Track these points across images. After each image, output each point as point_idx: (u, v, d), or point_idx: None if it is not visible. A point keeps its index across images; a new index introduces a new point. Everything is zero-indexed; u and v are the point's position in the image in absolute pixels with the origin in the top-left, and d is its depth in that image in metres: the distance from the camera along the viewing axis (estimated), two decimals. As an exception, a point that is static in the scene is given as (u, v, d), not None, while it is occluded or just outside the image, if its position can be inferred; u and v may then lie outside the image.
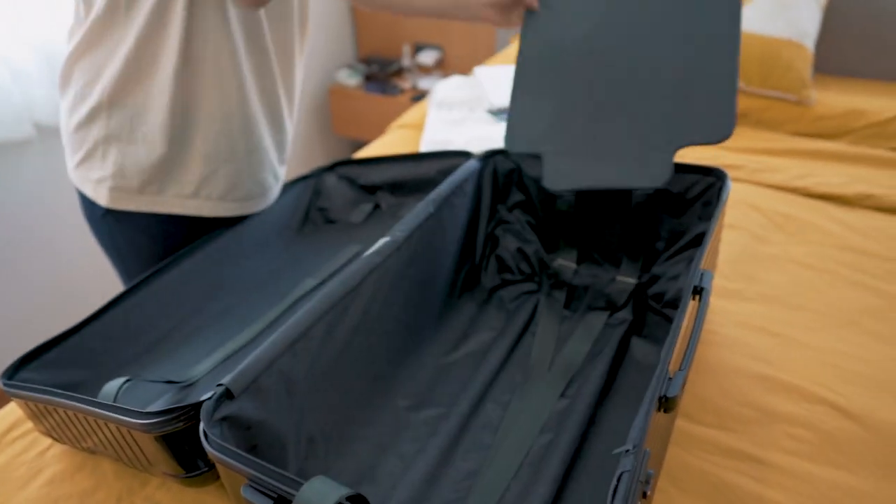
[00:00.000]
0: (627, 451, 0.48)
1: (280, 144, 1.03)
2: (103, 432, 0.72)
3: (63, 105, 0.93)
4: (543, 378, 0.89)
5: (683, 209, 0.92)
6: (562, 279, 1.06)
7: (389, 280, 0.84)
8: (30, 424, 0.88)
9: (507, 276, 1.09)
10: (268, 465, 0.51)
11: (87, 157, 0.94)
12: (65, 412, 0.73)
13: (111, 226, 0.99)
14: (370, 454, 0.79)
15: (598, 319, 0.99)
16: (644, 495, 0.48)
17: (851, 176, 1.30)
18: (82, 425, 0.74)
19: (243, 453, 0.52)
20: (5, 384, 0.77)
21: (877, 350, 0.91)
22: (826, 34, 1.67)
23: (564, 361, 0.91)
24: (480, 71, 1.66)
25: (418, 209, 0.91)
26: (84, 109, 0.90)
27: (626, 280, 1.04)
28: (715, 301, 1.03)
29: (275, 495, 0.50)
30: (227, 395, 0.61)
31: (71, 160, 0.98)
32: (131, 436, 0.66)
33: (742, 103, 1.57)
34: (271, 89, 0.96)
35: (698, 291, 0.66)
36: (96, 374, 0.82)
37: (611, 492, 0.45)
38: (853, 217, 1.21)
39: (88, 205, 0.99)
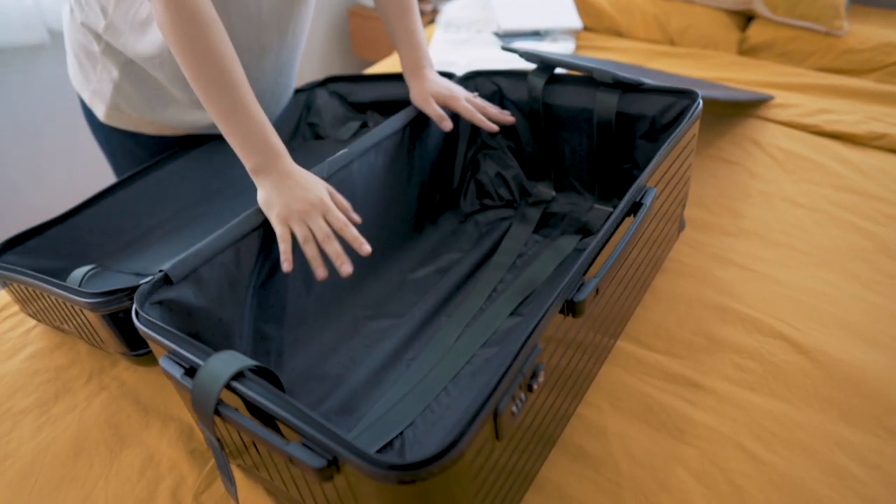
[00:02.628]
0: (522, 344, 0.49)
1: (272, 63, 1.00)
2: (66, 312, 0.77)
3: (65, 8, 0.94)
4: (502, 294, 0.90)
5: (658, 135, 0.89)
6: (540, 206, 1.05)
7: (350, 190, 0.85)
8: (17, 307, 0.95)
9: (487, 202, 1.09)
10: (182, 336, 0.54)
11: (83, 65, 0.95)
12: (42, 296, 0.78)
13: (108, 135, 1.02)
14: (321, 355, 0.82)
15: (569, 243, 0.98)
16: (530, 388, 0.50)
17: (868, 114, 1.22)
18: (53, 307, 0.80)
19: (164, 326, 0.56)
20: (-13, 264, 0.82)
21: (850, 291, 0.89)
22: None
23: (525, 281, 0.92)
24: (492, -9, 1.60)
25: (384, 124, 0.91)
26: (84, 17, 0.90)
27: (604, 208, 1.02)
28: (691, 233, 1.00)
29: (187, 366, 0.53)
30: (166, 280, 0.65)
31: (70, 65, 1.00)
32: (84, 315, 0.70)
33: (766, 33, 1.48)
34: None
35: (636, 207, 0.65)
36: (74, 264, 0.87)
37: (495, 379, 0.46)
38: (860, 157, 1.15)
39: (87, 110, 1.02)
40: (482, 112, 0.92)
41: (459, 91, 0.93)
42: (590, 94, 0.93)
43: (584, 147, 0.99)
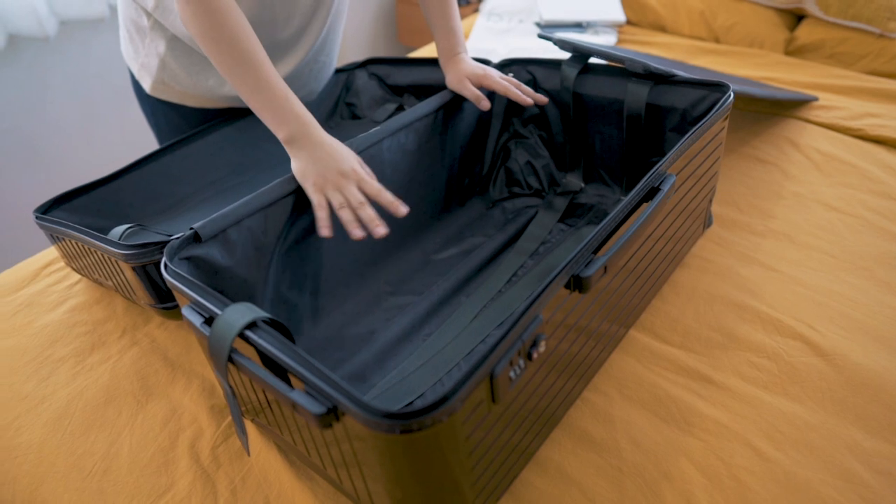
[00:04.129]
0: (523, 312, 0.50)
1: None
2: (108, 269, 0.82)
3: None
4: (522, 279, 0.91)
5: (689, 127, 0.88)
6: (568, 196, 1.05)
7: (378, 168, 0.87)
8: (63, 263, 1.00)
9: (516, 189, 1.10)
10: (204, 287, 0.57)
11: (133, 39, 1.00)
12: (86, 252, 0.83)
13: (153, 106, 1.07)
14: (340, 325, 0.85)
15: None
16: (529, 357, 0.51)
17: (918, 121, 1.18)
18: (96, 263, 0.84)
19: (188, 277, 0.59)
20: (37, 217, 0.88)
21: (877, 297, 0.87)
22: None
23: (546, 267, 0.92)
24: (537, -19, 1.59)
25: (418, 106, 0.93)
26: None
27: (631, 200, 1.02)
28: (718, 230, 0.99)
29: (206, 315, 0.57)
30: (196, 238, 0.68)
31: (122, 37, 1.05)
32: (119, 266, 0.75)
33: (816, 33, 1.43)
34: None
35: (654, 192, 0.65)
36: (115, 223, 0.92)
37: (493, 342, 0.48)
38: (905, 165, 1.11)
39: (135, 82, 1.07)
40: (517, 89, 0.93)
41: (493, 71, 0.94)
42: (621, 85, 0.93)
43: (614, 139, 0.99)
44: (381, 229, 0.73)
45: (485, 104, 0.93)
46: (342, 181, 0.75)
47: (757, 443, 0.69)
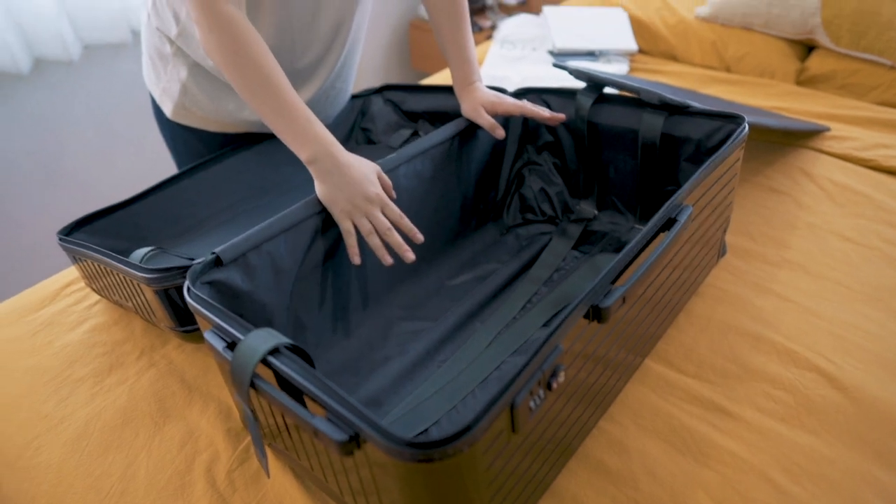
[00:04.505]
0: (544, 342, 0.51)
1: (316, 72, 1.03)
2: (128, 290, 0.83)
3: (143, 13, 1.02)
4: (536, 306, 0.91)
5: (703, 157, 0.89)
6: (581, 223, 1.06)
7: (401, 191, 0.88)
8: (83, 283, 1.02)
9: (529, 216, 1.11)
10: (226, 312, 0.58)
11: (156, 65, 1.03)
12: (107, 273, 0.84)
13: (173, 130, 1.10)
14: (355, 350, 0.86)
15: (607, 261, 0.99)
16: (549, 387, 0.51)
17: (931, 153, 1.19)
18: (116, 284, 0.86)
19: (212, 302, 0.60)
20: (61, 239, 0.90)
21: (894, 330, 0.86)
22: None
23: (560, 294, 0.93)
24: (549, 10, 1.62)
25: (433, 133, 0.94)
26: (159, 23, 0.97)
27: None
28: (732, 260, 1.00)
29: (228, 340, 0.57)
30: (217, 262, 0.69)
31: (145, 63, 1.08)
32: (140, 289, 0.76)
33: (827, 64, 1.45)
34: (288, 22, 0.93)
35: (671, 223, 0.66)
36: (135, 245, 0.93)
37: (514, 372, 0.48)
38: (919, 196, 1.11)
39: (156, 107, 1.10)
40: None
41: (507, 97, 0.96)
42: (636, 115, 0.94)
43: (628, 167, 1.00)
44: (409, 254, 0.76)
45: (499, 133, 0.95)
46: (369, 207, 0.77)
47: (774, 476, 0.69)
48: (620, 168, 1.01)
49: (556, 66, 1.01)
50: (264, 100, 0.77)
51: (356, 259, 0.77)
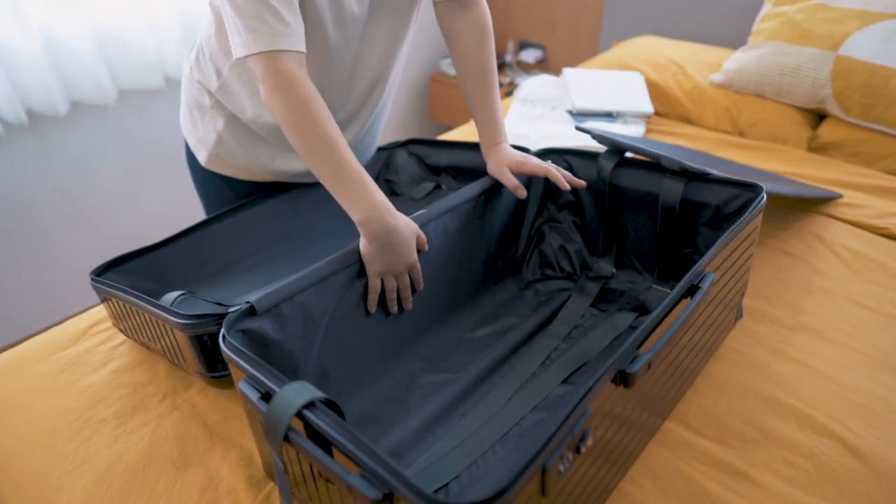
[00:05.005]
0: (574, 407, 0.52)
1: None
2: (157, 332, 0.85)
3: (187, 59, 1.07)
4: (555, 362, 0.92)
5: (721, 223, 0.92)
6: (600, 281, 1.08)
7: (431, 245, 0.91)
8: (110, 322, 1.04)
9: (548, 272, 1.13)
10: (263, 363, 0.60)
11: (193, 115, 1.08)
12: (135, 313, 0.87)
13: (205, 177, 1.14)
14: (377, 400, 0.87)
15: (625, 320, 1.00)
16: (578, 450, 0.52)
17: (943, 223, 1.21)
18: (145, 325, 0.88)
19: (245, 351, 0.62)
20: (93, 279, 0.92)
21: (913, 399, 0.87)
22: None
23: (579, 351, 0.94)
24: (568, 72, 1.68)
25: (462, 191, 0.98)
26: (200, 76, 1.02)
27: (662, 289, 1.05)
28: (748, 323, 1.01)
29: (263, 391, 0.59)
30: (251, 311, 0.71)
31: (182, 112, 1.12)
32: (173, 333, 0.78)
33: (838, 133, 1.49)
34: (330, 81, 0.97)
35: (693, 290, 0.67)
36: (164, 288, 0.96)
37: (546, 436, 0.49)
38: (932, 265, 1.13)
39: (190, 155, 1.14)
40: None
41: (533, 158, 0.99)
42: (656, 180, 0.97)
43: (646, 229, 1.03)
44: (408, 304, 0.88)
45: (521, 193, 0.98)
46: (401, 270, 0.84)
47: (796, 546, 0.69)
48: (639, 229, 1.03)
49: (578, 128, 1.05)
50: (324, 160, 0.79)
51: (373, 309, 0.85)
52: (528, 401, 0.86)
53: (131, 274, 0.97)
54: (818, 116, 1.58)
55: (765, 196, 0.83)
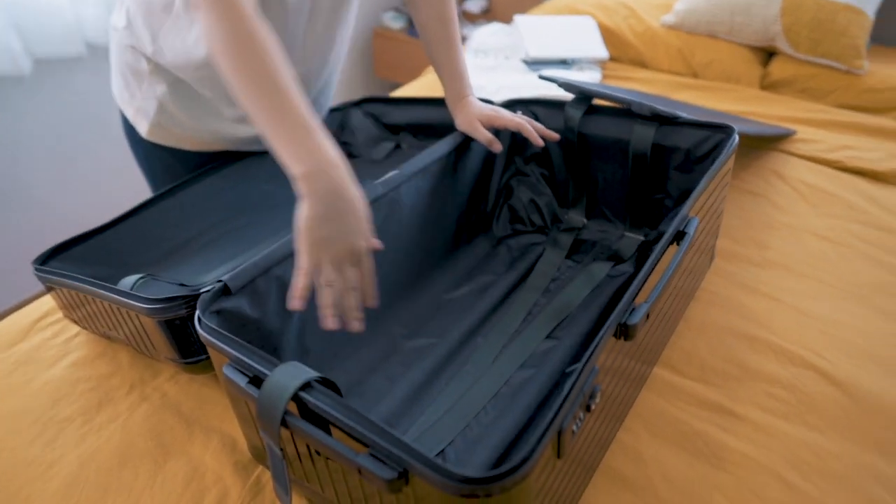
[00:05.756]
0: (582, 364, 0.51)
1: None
2: (116, 319, 0.79)
3: (113, 26, 0.97)
4: (537, 317, 0.91)
5: (692, 166, 0.91)
6: (572, 232, 1.07)
7: (397, 211, 0.87)
8: (60, 314, 0.96)
9: (519, 227, 1.11)
10: (247, 345, 0.56)
11: (129, 83, 0.98)
12: (91, 301, 0.80)
13: (148, 150, 1.05)
14: (360, 372, 0.84)
15: (601, 269, 1.00)
16: (588, 409, 0.51)
17: (890, 152, 1.25)
18: (101, 313, 0.81)
19: (228, 335, 0.57)
20: (36, 269, 0.84)
21: (878, 325, 0.90)
22: (892, 1, 1.58)
23: (559, 304, 0.93)
24: (520, 19, 1.64)
25: (432, 149, 0.94)
26: (132, 41, 0.92)
27: (634, 236, 1.04)
28: (720, 263, 1.02)
29: (251, 374, 0.55)
30: (225, 290, 0.66)
31: (115, 81, 1.02)
32: (139, 320, 0.72)
33: (788, 70, 1.51)
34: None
35: (680, 236, 0.67)
36: (117, 272, 0.89)
37: (560, 399, 0.48)
38: (885, 194, 1.17)
39: (128, 127, 1.05)
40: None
41: (504, 110, 0.96)
42: (626, 126, 0.95)
43: (617, 176, 1.01)
44: (356, 325, 0.63)
45: (497, 147, 0.95)
46: (346, 259, 0.62)
47: (786, 474, 0.71)
48: (609, 177, 1.02)
49: (542, 77, 1.02)
50: (262, 95, 0.62)
51: (296, 304, 0.61)
52: (515, 359, 0.85)
53: (78, 260, 0.89)
54: (768, 55, 1.60)
55: (737, 137, 0.83)
